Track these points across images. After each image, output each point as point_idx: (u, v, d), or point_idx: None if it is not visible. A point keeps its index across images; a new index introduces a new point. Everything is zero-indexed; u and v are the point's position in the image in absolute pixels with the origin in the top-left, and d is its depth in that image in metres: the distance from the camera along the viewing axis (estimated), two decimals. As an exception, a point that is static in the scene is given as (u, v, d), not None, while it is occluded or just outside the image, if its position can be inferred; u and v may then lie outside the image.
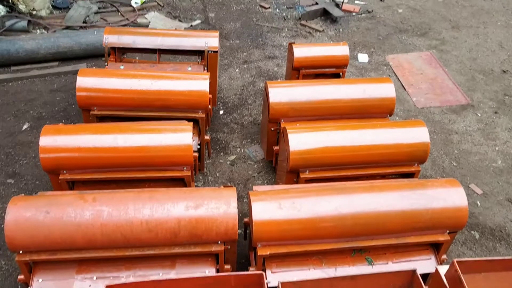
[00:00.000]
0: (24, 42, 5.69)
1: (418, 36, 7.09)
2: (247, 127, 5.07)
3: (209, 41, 4.57)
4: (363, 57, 6.46)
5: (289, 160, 3.50)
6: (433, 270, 2.78)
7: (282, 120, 4.02)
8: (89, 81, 3.87)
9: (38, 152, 3.37)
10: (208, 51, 4.55)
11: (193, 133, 3.53)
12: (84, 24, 6.63)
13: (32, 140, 4.71)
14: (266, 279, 2.24)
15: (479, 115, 5.49)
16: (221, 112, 5.27)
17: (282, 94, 3.99)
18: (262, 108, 4.61)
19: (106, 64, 4.51)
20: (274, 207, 2.92)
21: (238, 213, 2.92)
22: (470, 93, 5.86)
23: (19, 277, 2.94)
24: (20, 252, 2.84)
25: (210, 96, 4.04)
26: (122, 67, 4.44)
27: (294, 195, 3.01)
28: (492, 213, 4.23)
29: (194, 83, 3.96)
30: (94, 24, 6.68)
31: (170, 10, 7.34)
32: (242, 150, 4.77)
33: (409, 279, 2.32)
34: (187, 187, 3.57)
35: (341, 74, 4.89)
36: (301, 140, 3.53)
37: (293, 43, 4.74)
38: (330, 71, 4.84)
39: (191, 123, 3.58)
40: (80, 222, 2.78)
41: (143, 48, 4.62)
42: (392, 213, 3.01)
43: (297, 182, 3.65)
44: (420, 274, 2.31)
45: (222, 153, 4.72)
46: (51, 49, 5.75)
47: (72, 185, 3.53)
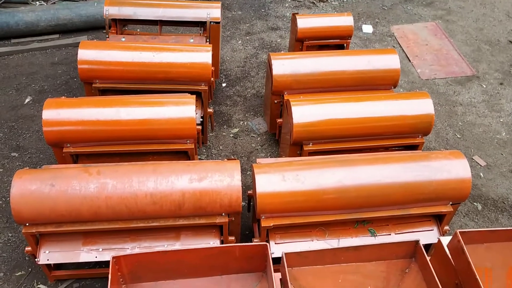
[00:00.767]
0: (24, 14, 5.62)
1: (424, 6, 6.96)
2: (250, 100, 5.05)
3: (211, 12, 4.50)
4: (368, 28, 6.36)
5: (293, 133, 3.49)
6: (436, 241, 2.80)
7: (286, 93, 3.99)
8: (91, 54, 3.83)
9: (41, 126, 3.37)
10: (210, 22, 4.48)
11: (196, 106, 3.51)
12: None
13: (35, 114, 4.70)
14: (270, 250, 2.26)
15: (484, 87, 5.43)
16: (224, 85, 5.24)
17: (286, 66, 3.95)
18: (265, 81, 4.57)
19: (107, 37, 4.46)
20: (278, 179, 2.93)
21: (242, 186, 2.93)
22: (476, 64, 5.79)
23: (26, 249, 2.99)
24: (27, 225, 2.88)
25: (213, 69, 4.00)
26: (124, 39, 4.39)
27: (298, 168, 3.01)
28: (495, 185, 4.24)
29: (197, 55, 3.92)
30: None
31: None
32: (245, 123, 4.76)
33: (412, 250, 2.34)
34: (191, 160, 3.58)
35: (345, 46, 4.82)
36: (305, 113, 3.51)
37: (297, 14, 4.65)
38: (334, 42, 4.77)
39: (194, 96, 3.56)
40: (85, 195, 2.80)
41: (145, 20, 4.55)
42: (396, 185, 3.02)
43: (301, 155, 3.65)
44: (423, 245, 2.33)
45: (225, 126, 4.71)
46: (51, 21, 5.68)
47: (76, 159, 3.55)
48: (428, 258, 2.27)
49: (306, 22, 4.62)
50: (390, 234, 3.18)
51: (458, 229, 2.26)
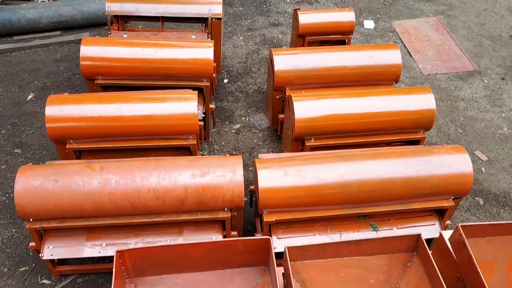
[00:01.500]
0: (26, 11, 5.63)
1: (425, 1, 6.94)
2: (252, 96, 5.05)
3: (213, 8, 4.50)
4: (369, 24, 6.36)
5: (295, 128, 3.50)
6: (437, 236, 2.81)
7: (287, 88, 4.00)
8: (93, 50, 3.84)
9: (44, 122, 3.39)
10: (212, 18, 4.49)
11: (198, 102, 3.53)
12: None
13: (38, 110, 4.72)
14: (272, 245, 2.28)
15: (486, 82, 5.43)
16: (226, 81, 5.24)
17: (287, 62, 3.95)
18: (267, 76, 4.57)
19: (109, 33, 4.47)
20: (280, 175, 2.94)
21: (244, 181, 2.95)
22: (477, 59, 5.78)
23: (30, 244, 3.02)
24: (31, 220, 2.90)
25: (215, 65, 4.01)
26: (126, 36, 4.40)
27: (300, 163, 3.03)
28: (497, 180, 4.24)
29: (198, 51, 3.93)
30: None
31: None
32: (247, 119, 4.77)
33: (414, 244, 2.35)
34: (193, 156, 3.59)
35: (347, 41, 4.82)
36: (307, 108, 3.52)
37: (298, 10, 4.66)
38: (336, 38, 4.77)
39: (196, 92, 3.57)
40: (88, 190, 2.82)
41: (146, 16, 4.56)
42: (397, 180, 3.03)
43: (303, 150, 3.66)
44: (424, 240, 2.34)
45: (227, 122, 4.72)
46: (53, 18, 5.69)
47: (79, 154, 3.56)
48: (430, 252, 2.28)
49: (308, 18, 4.62)
50: (392, 229, 3.19)
51: (460, 224, 2.27)
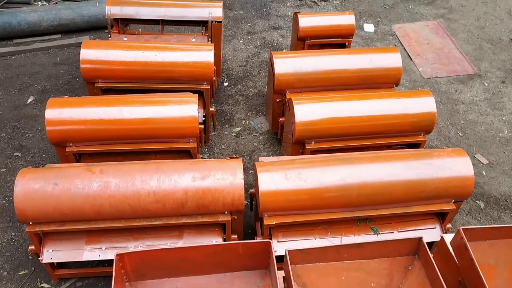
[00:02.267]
0: (26, 15, 5.63)
1: (425, 5, 6.95)
2: (252, 99, 5.05)
3: (213, 11, 4.51)
4: (369, 27, 6.36)
5: (295, 131, 3.49)
6: (438, 239, 2.80)
7: (288, 91, 4.00)
8: (93, 53, 3.84)
9: (44, 125, 3.38)
10: (212, 22, 4.49)
11: (198, 105, 3.52)
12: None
13: (37, 114, 4.71)
14: (273, 248, 2.27)
15: (486, 85, 5.43)
16: (226, 84, 5.24)
17: (288, 65, 3.95)
18: (267, 80, 4.57)
19: (109, 36, 4.47)
20: (280, 178, 2.94)
21: (244, 185, 2.94)
22: (477, 63, 5.78)
23: (30, 248, 3.00)
24: (30, 223, 2.89)
25: (215, 68, 4.01)
26: (126, 39, 4.40)
27: (300, 166, 3.02)
28: (498, 183, 4.24)
29: (199, 54, 3.93)
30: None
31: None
32: (247, 122, 4.76)
33: (415, 247, 2.34)
34: (193, 159, 3.59)
35: (347, 44, 4.82)
36: (307, 111, 3.52)
37: (298, 13, 4.66)
38: (336, 41, 4.77)
39: (196, 95, 3.57)
40: (88, 194, 2.81)
41: (146, 19, 4.57)
42: (398, 183, 3.02)
43: (303, 153, 3.65)
44: (425, 243, 2.33)
45: (227, 125, 4.71)
46: (53, 22, 5.69)
47: (79, 158, 3.55)
48: (431, 255, 2.27)
49: (308, 21, 4.62)
50: (393, 232, 3.18)
51: (462, 227, 2.26)
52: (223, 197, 2.90)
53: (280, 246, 3.01)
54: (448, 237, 2.39)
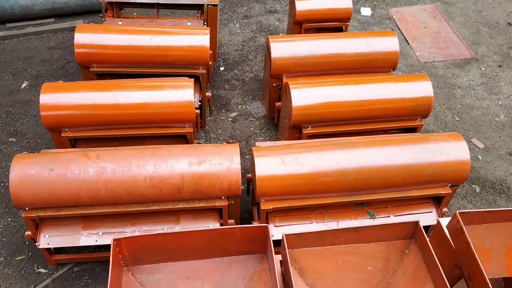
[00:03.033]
0: (19, -2, 5.55)
1: (423, -12, 6.89)
2: (249, 84, 5.02)
3: (209, -5, 4.45)
4: (366, 11, 6.31)
5: (292, 116, 3.48)
6: (434, 223, 2.81)
7: (284, 76, 3.97)
8: (87, 37, 3.79)
9: (39, 111, 3.35)
10: (208, 5, 4.43)
11: (194, 90, 3.49)
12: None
13: (32, 99, 4.67)
14: (270, 232, 2.27)
15: (483, 69, 5.42)
16: (222, 69, 5.20)
17: (284, 49, 3.92)
18: (264, 64, 4.54)
19: (104, 20, 4.41)
20: (277, 163, 2.93)
21: (241, 169, 2.93)
22: (475, 47, 5.76)
23: (26, 233, 3.00)
24: (26, 209, 2.88)
25: (211, 52, 3.97)
26: (120, 23, 4.34)
27: (297, 151, 3.01)
28: (493, 167, 4.25)
29: (194, 38, 3.88)
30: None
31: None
32: (244, 107, 4.74)
33: (412, 231, 2.35)
34: (190, 144, 3.57)
35: (344, 28, 4.78)
36: (304, 96, 3.50)
37: (295, -4, 4.61)
38: (333, 25, 4.73)
39: (192, 80, 3.54)
40: (84, 179, 2.80)
41: (141, 3, 4.50)
42: (395, 167, 3.02)
43: (300, 138, 3.65)
44: (422, 226, 2.34)
45: (224, 110, 4.69)
46: (47, 5, 5.61)
47: (75, 143, 3.53)
48: (428, 239, 2.28)
49: (305, 5, 4.57)
50: (389, 217, 3.20)
51: (458, 210, 2.27)
52: (220, 182, 2.90)
53: (277, 231, 3.02)
54: (444, 221, 2.40)
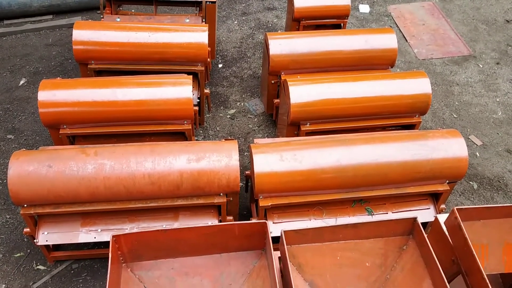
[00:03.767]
0: (16, -5, 5.53)
1: (421, -15, 6.89)
2: (247, 81, 5.02)
3: (207, -8, 4.44)
4: (364, 8, 6.31)
5: (290, 113, 3.48)
6: (432, 219, 2.83)
7: (283, 73, 3.97)
8: (86, 34, 3.78)
9: (37, 108, 3.35)
10: (206, 2, 4.43)
11: (193, 87, 3.49)
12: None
13: (30, 96, 4.66)
14: (269, 229, 2.27)
15: (481, 66, 5.43)
16: (220, 66, 5.20)
17: (283, 46, 3.92)
18: (262, 61, 4.54)
19: (102, 17, 4.40)
20: (276, 159, 2.94)
21: (239, 166, 2.93)
22: (473, 44, 5.76)
23: (25, 230, 3.00)
24: (25, 206, 2.88)
25: (209, 49, 3.96)
26: (119, 20, 4.33)
27: (295, 147, 3.02)
28: (491, 164, 4.26)
29: (193, 35, 3.88)
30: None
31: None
32: (242, 104, 4.74)
33: (410, 227, 2.36)
34: (188, 141, 3.57)
35: (342, 25, 4.78)
36: (302, 93, 3.50)
37: (293, -7, 4.60)
38: (331, 22, 4.73)
39: (191, 76, 3.54)
40: (83, 176, 2.80)
41: (139, 0, 4.49)
42: (393, 164, 3.03)
43: (298, 135, 3.65)
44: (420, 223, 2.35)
45: (222, 107, 4.69)
46: (44, 2, 5.59)
47: (73, 140, 3.53)
48: (426, 235, 2.29)
49: (303, 2, 4.56)
50: (387, 213, 3.20)
51: (456, 207, 2.28)
52: (219, 179, 2.90)
53: (276, 227, 3.02)
54: (442, 217, 2.41)
